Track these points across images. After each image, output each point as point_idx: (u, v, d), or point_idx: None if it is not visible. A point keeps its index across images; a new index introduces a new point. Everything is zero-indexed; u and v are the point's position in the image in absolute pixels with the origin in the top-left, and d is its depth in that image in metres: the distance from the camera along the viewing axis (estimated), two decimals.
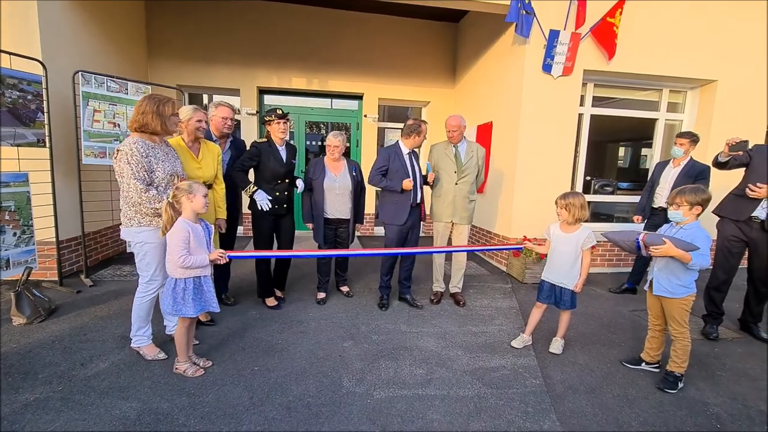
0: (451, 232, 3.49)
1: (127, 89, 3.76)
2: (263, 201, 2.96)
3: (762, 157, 2.80)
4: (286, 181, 3.10)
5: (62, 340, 2.55)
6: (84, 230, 3.76)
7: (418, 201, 3.30)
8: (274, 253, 3.15)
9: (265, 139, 3.08)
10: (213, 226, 2.25)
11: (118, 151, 2.10)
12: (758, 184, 2.71)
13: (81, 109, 3.46)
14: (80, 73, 3.45)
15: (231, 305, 3.22)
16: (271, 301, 3.24)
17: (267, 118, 3.03)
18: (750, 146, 2.86)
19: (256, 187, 2.96)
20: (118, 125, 3.71)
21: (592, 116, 4.79)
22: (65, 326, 2.75)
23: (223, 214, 2.83)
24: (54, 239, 3.47)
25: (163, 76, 5.45)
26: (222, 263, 2.19)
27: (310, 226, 3.33)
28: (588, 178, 5.07)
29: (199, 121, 2.59)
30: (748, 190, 2.77)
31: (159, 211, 2.12)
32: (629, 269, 4.07)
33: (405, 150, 3.22)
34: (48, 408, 1.86)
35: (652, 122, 5.05)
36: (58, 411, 1.85)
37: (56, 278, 3.53)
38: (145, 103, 2.16)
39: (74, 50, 3.84)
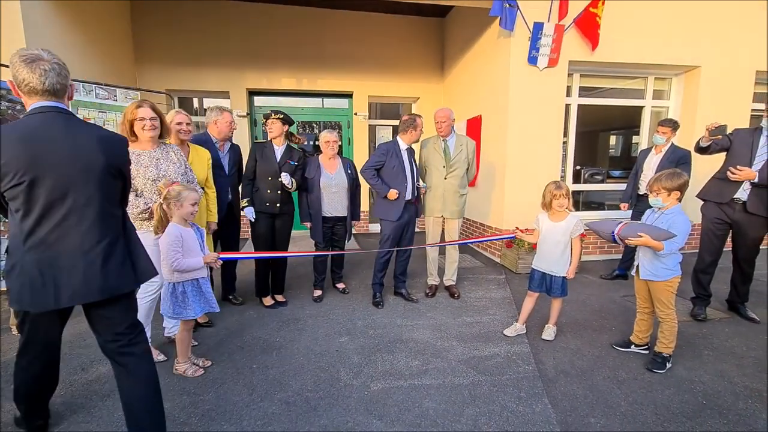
0: (443, 226, 3.54)
1: (115, 96, 3.77)
2: (249, 215, 3.12)
3: (741, 140, 2.86)
4: (279, 180, 3.14)
5: (62, 346, 2.56)
6: None
7: (412, 197, 3.32)
8: (264, 254, 3.16)
9: (265, 140, 3.20)
10: (205, 229, 2.29)
11: None
12: (738, 167, 2.77)
13: None
14: None
15: (239, 304, 3.30)
16: (267, 300, 3.28)
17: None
18: (730, 130, 2.92)
19: (246, 203, 3.11)
20: None
21: (580, 106, 4.84)
22: (64, 333, 2.73)
23: (213, 218, 2.85)
24: None
25: (151, 81, 5.44)
26: (216, 267, 2.24)
27: (308, 224, 3.37)
28: (578, 167, 5.13)
29: (179, 123, 2.56)
30: (729, 173, 2.83)
31: (141, 215, 2.19)
32: (621, 256, 4.14)
33: (403, 146, 3.26)
34: (51, 413, 1.89)
35: (639, 110, 5.12)
36: (60, 415, 1.89)
37: None
38: None
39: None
